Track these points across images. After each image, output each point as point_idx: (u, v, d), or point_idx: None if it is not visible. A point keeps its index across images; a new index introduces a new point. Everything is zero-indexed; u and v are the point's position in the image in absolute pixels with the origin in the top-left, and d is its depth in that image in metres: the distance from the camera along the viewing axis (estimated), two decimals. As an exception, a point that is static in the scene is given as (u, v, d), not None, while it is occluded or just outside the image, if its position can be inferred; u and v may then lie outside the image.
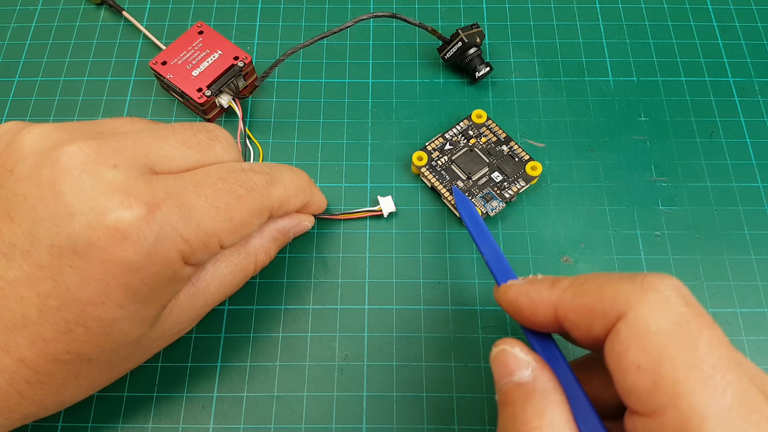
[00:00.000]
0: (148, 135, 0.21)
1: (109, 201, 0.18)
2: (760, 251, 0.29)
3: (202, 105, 0.31)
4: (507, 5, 0.36)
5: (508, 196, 0.30)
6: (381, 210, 0.30)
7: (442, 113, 0.33)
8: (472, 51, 0.32)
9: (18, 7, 0.36)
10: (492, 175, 0.30)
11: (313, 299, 0.28)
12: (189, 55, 0.32)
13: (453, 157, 0.31)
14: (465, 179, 0.30)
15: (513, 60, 0.35)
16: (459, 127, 0.31)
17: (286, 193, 0.24)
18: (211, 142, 0.22)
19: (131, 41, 0.35)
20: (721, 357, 0.16)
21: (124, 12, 0.36)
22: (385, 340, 0.28)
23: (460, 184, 0.30)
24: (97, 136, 0.20)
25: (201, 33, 0.32)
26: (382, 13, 0.31)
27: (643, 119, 0.33)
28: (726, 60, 0.35)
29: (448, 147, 0.31)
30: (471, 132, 0.31)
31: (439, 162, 0.30)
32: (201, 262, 0.21)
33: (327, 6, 0.36)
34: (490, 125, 0.31)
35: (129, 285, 0.19)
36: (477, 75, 0.33)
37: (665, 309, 0.16)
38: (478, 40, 0.32)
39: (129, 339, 0.20)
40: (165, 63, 0.31)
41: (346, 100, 0.33)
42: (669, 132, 0.32)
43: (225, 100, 0.31)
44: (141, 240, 0.18)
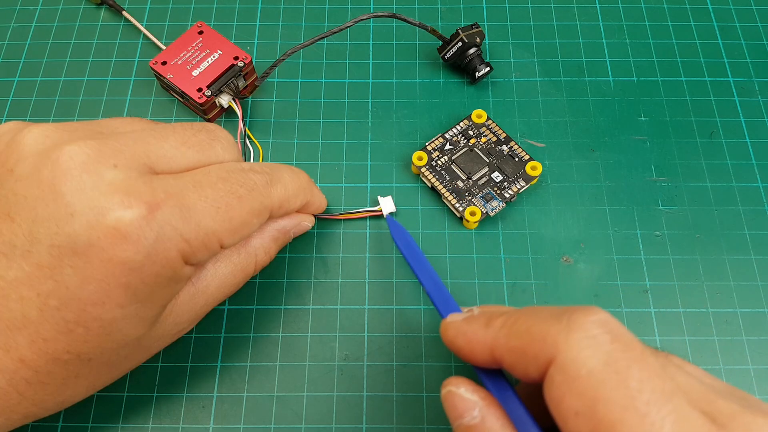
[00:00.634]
0: (148, 135, 0.21)
1: (110, 201, 0.18)
2: (760, 251, 0.29)
3: (202, 105, 0.31)
4: (507, 5, 0.36)
5: (508, 196, 0.30)
6: (381, 210, 0.30)
7: (442, 113, 0.33)
8: (472, 51, 0.32)
9: (18, 7, 0.36)
10: (492, 175, 0.30)
11: (313, 299, 0.28)
12: (189, 55, 0.32)
13: (453, 157, 0.31)
14: (465, 179, 0.30)
15: (513, 60, 0.35)
16: (459, 127, 0.31)
17: (286, 193, 0.24)
18: (212, 142, 0.22)
19: (131, 41, 0.35)
20: (654, 390, 0.15)
21: (124, 12, 0.36)
22: (385, 340, 0.28)
23: (460, 184, 0.30)
24: (97, 136, 0.20)
25: (201, 33, 0.32)
26: (382, 13, 0.31)
27: (643, 119, 0.33)
28: (726, 60, 0.35)
29: (448, 147, 0.31)
30: (471, 132, 0.31)
31: (439, 162, 0.30)
32: (201, 262, 0.21)
33: (327, 6, 0.36)
34: (490, 125, 0.31)
35: (129, 285, 0.19)
36: (477, 75, 0.33)
37: (593, 349, 0.16)
38: (478, 40, 0.32)
39: (129, 339, 0.20)
40: (165, 63, 0.31)
41: (346, 100, 0.33)
42: (669, 132, 0.32)
43: (225, 100, 0.31)
44: (141, 240, 0.18)
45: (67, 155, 0.18)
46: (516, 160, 0.30)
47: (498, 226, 0.30)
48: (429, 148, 0.31)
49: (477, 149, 0.31)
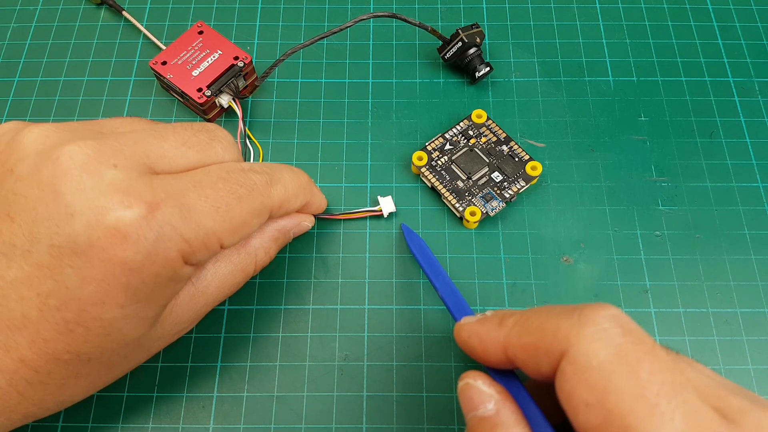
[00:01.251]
0: (148, 135, 0.21)
1: (110, 201, 0.18)
2: (760, 251, 0.29)
3: (202, 105, 0.31)
4: (507, 5, 0.36)
5: (508, 196, 0.30)
6: (381, 210, 0.30)
7: (442, 113, 0.33)
8: (472, 51, 0.32)
9: (18, 7, 0.36)
10: (492, 175, 0.30)
11: (313, 299, 0.28)
12: (189, 55, 0.32)
13: (453, 157, 0.31)
14: (465, 179, 0.30)
15: (513, 60, 0.35)
16: (459, 127, 0.31)
17: (286, 193, 0.24)
18: (211, 142, 0.22)
19: (131, 41, 0.35)
20: (665, 382, 0.15)
21: (124, 12, 0.36)
22: (385, 340, 0.28)
23: (460, 184, 0.30)
24: (98, 136, 0.20)
25: (201, 33, 0.32)
26: (382, 13, 0.31)
27: (643, 119, 0.33)
28: (726, 60, 0.35)
29: (448, 147, 0.31)
30: (471, 132, 0.31)
31: (439, 162, 0.30)
32: (201, 262, 0.21)
33: (327, 6, 0.36)
34: (490, 125, 0.31)
35: (129, 285, 0.19)
36: (477, 75, 0.33)
37: (604, 342, 0.16)
38: (478, 40, 0.32)
39: (129, 339, 0.20)
40: (165, 63, 0.31)
41: (346, 100, 0.33)
42: (669, 132, 0.32)
43: (225, 100, 0.31)
44: (141, 240, 0.18)
45: (67, 155, 0.18)
46: (516, 160, 0.30)
47: (498, 226, 0.30)
48: (429, 148, 0.31)
49: (477, 149, 0.31)
